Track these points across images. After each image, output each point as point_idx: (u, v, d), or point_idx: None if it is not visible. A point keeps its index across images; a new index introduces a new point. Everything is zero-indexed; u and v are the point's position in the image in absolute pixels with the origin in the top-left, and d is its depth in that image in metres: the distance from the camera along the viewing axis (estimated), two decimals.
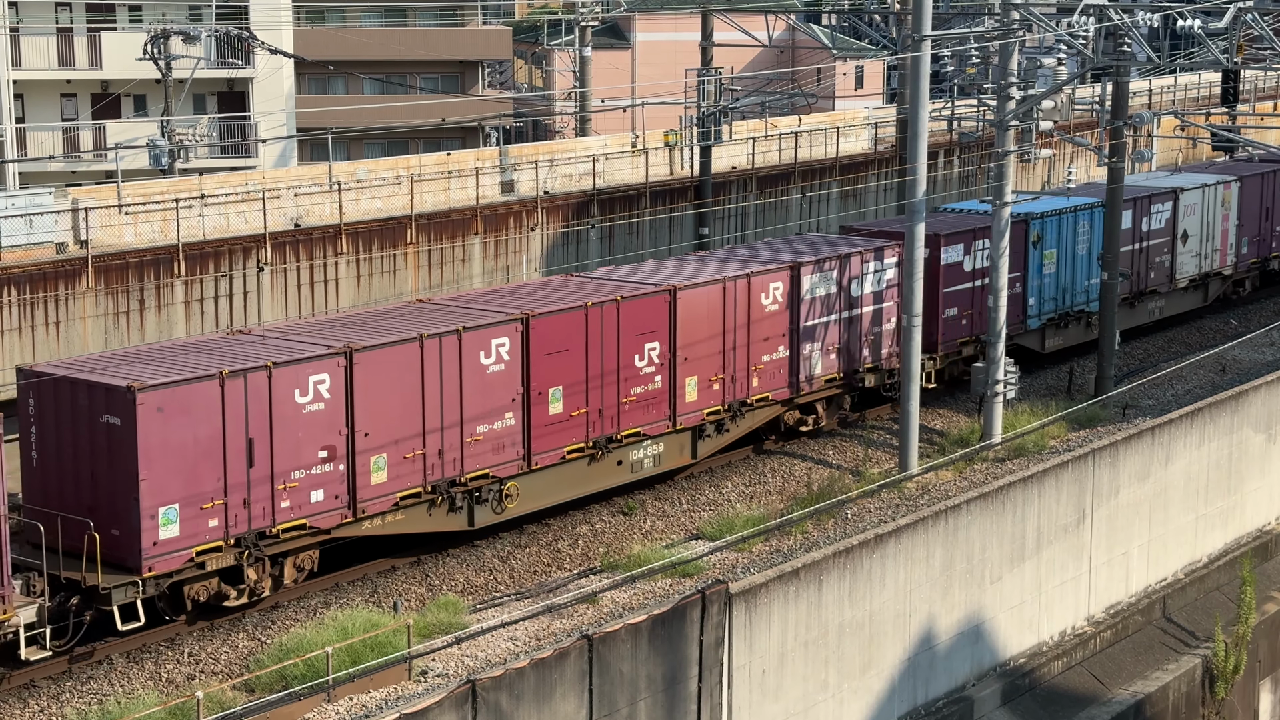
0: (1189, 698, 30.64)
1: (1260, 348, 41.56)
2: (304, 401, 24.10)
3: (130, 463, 22.41)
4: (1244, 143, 43.98)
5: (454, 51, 70.83)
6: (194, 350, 24.60)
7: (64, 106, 58.62)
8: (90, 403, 22.78)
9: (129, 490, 22.47)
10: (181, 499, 22.86)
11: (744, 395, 31.63)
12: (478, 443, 26.71)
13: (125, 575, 22.60)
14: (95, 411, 22.74)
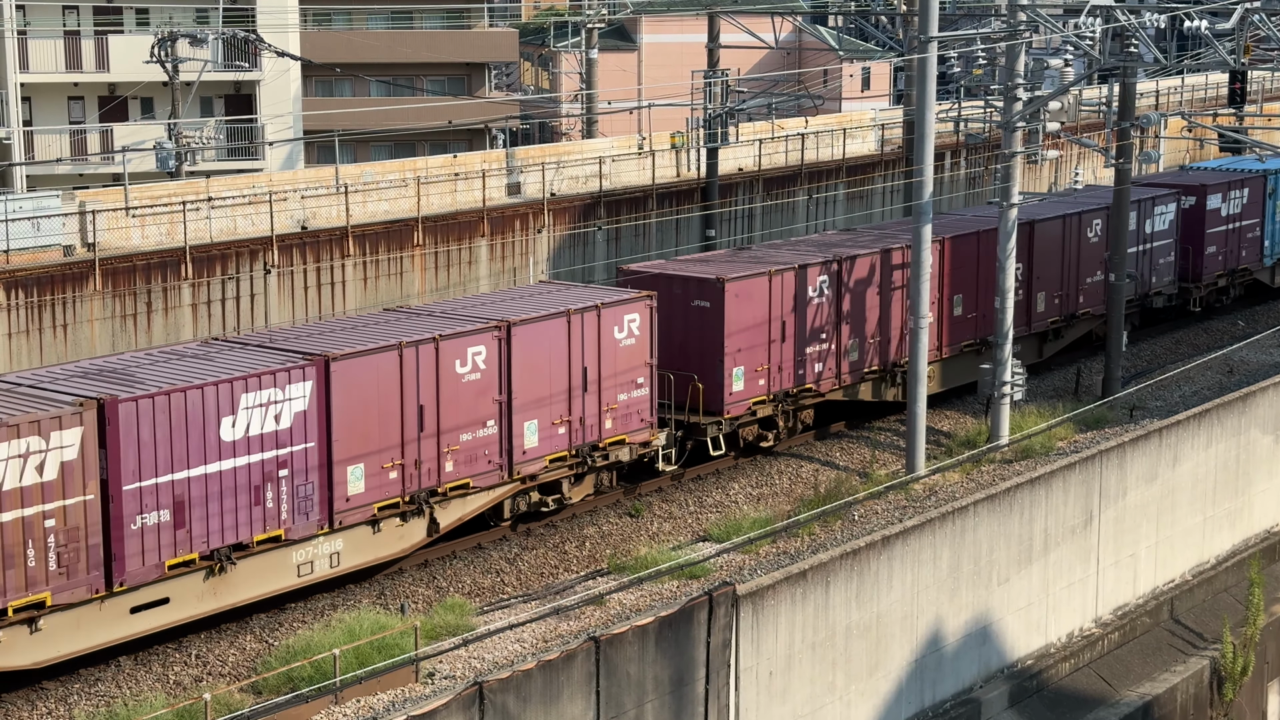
0: (1197, 699, 30.61)
1: (1268, 349, 41.51)
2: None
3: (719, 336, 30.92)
4: (1251, 143, 43.93)
5: (460, 54, 70.88)
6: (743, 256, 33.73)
7: (71, 109, 58.70)
8: (685, 292, 31.33)
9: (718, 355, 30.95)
10: (745, 366, 31.49)
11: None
12: None
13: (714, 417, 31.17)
14: (689, 298, 31.22)
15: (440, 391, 26.12)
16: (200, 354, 25.05)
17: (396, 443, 25.54)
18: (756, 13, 67.75)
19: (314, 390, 24.34)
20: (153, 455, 22.46)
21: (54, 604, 21.71)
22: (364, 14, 71.43)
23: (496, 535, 28.33)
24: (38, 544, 21.35)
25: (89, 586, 22.02)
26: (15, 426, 20.82)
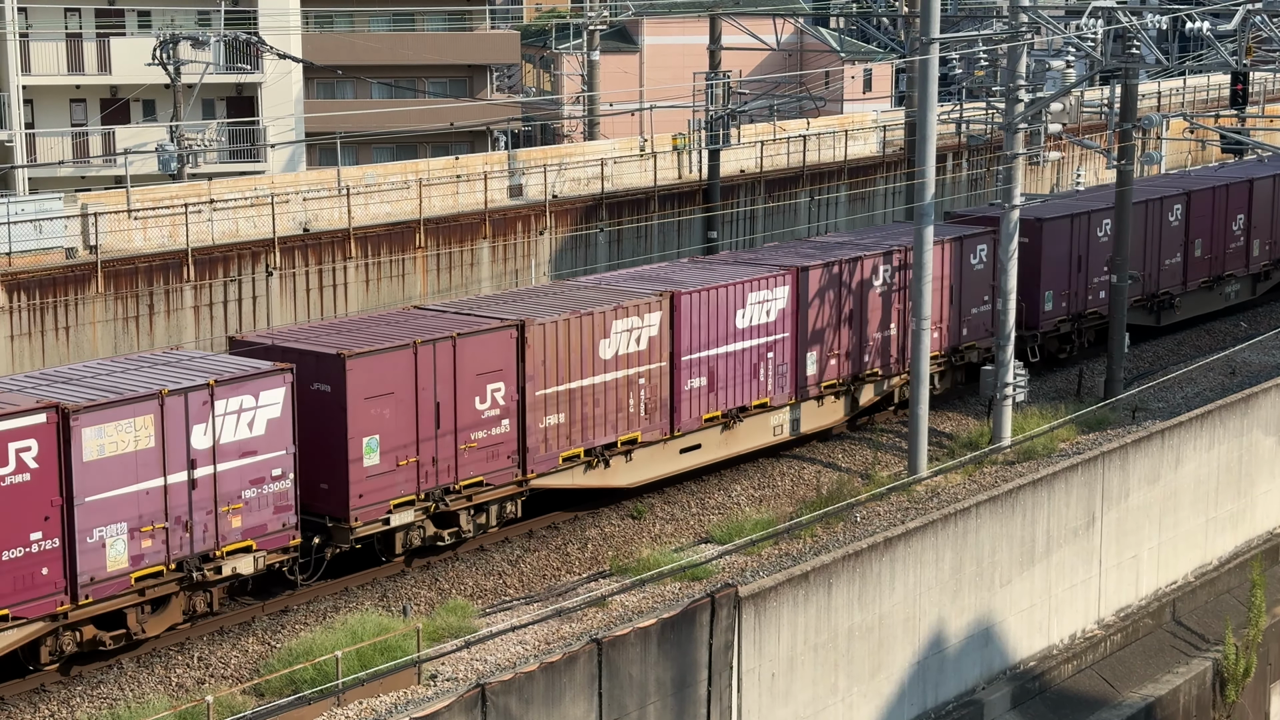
0: (1199, 701, 30.60)
1: (1271, 350, 41.50)
2: None
3: None
4: (1253, 145, 43.93)
5: (462, 56, 70.90)
6: None
7: (73, 112, 58.74)
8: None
9: None
10: None
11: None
12: None
13: None
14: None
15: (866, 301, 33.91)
16: (719, 262, 33.85)
17: (839, 337, 33.30)
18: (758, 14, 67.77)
19: (790, 294, 32.20)
20: (697, 336, 30.53)
21: (642, 440, 29.84)
22: (365, 16, 71.46)
23: (498, 537, 28.33)
24: (635, 397, 29.64)
25: (661, 430, 30.19)
26: (626, 307, 29.33)
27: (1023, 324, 37.23)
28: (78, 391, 22.74)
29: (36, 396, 22.26)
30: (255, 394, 23.75)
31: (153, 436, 22.67)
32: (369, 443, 25.38)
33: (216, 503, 23.48)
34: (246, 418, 23.73)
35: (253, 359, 24.96)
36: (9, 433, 21.19)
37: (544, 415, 27.95)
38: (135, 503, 22.59)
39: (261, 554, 24.09)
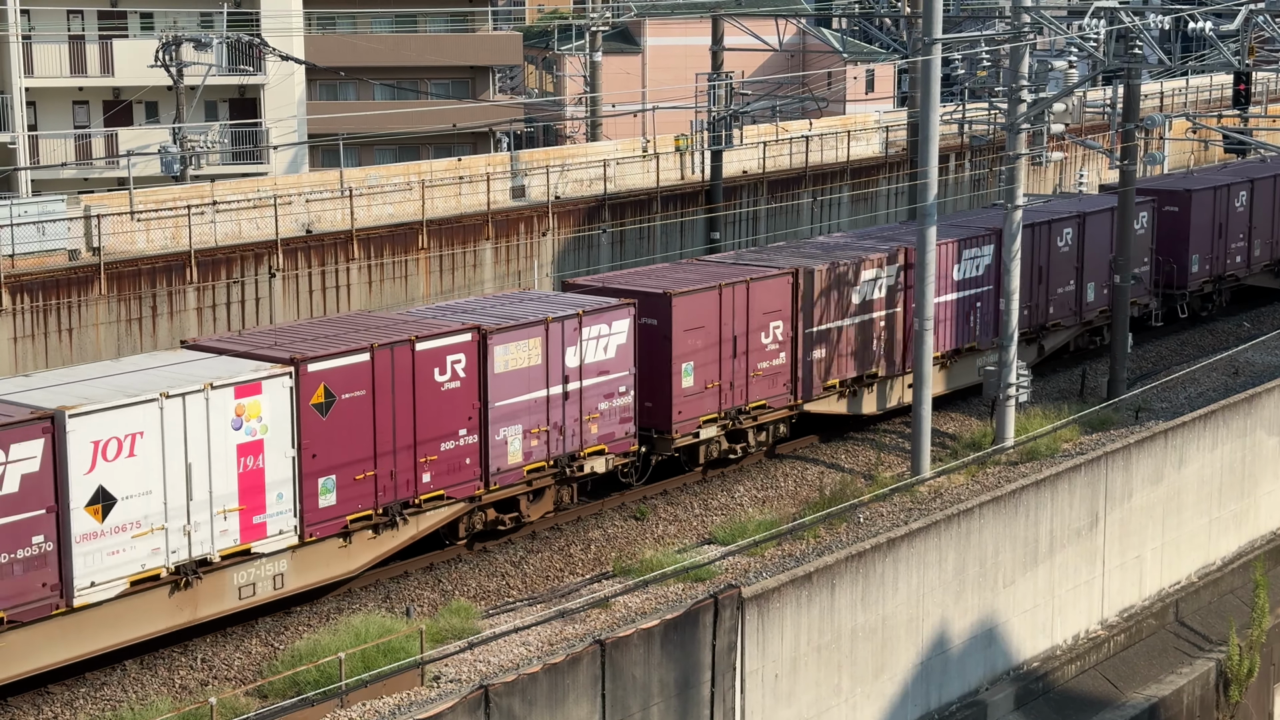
0: (1203, 701, 30.58)
1: (1274, 350, 41.49)
2: None
3: None
4: (1256, 145, 43.92)
5: (464, 57, 70.92)
6: None
7: (76, 113, 58.77)
8: None
9: None
10: None
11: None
12: None
13: None
14: None
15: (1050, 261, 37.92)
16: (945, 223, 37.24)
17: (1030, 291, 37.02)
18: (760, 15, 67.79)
19: (994, 252, 36.50)
20: None
21: (881, 376, 34.73)
22: (368, 17, 71.49)
23: (501, 539, 28.34)
24: (877, 338, 34.39)
25: (895, 367, 34.80)
26: (870, 259, 33.51)
27: (1173, 284, 43.30)
28: (486, 319, 27.63)
29: (460, 321, 27.20)
30: (609, 323, 28.94)
31: (540, 355, 27.78)
32: (685, 368, 30.52)
33: (582, 412, 28.48)
34: (603, 343, 28.83)
35: (600, 295, 30.05)
36: (447, 348, 26.22)
37: (812, 350, 32.94)
38: (527, 409, 27.63)
39: (611, 456, 29.20)
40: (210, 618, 23.72)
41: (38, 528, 21.50)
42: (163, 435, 22.58)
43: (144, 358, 25.66)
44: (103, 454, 22.07)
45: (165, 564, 22.86)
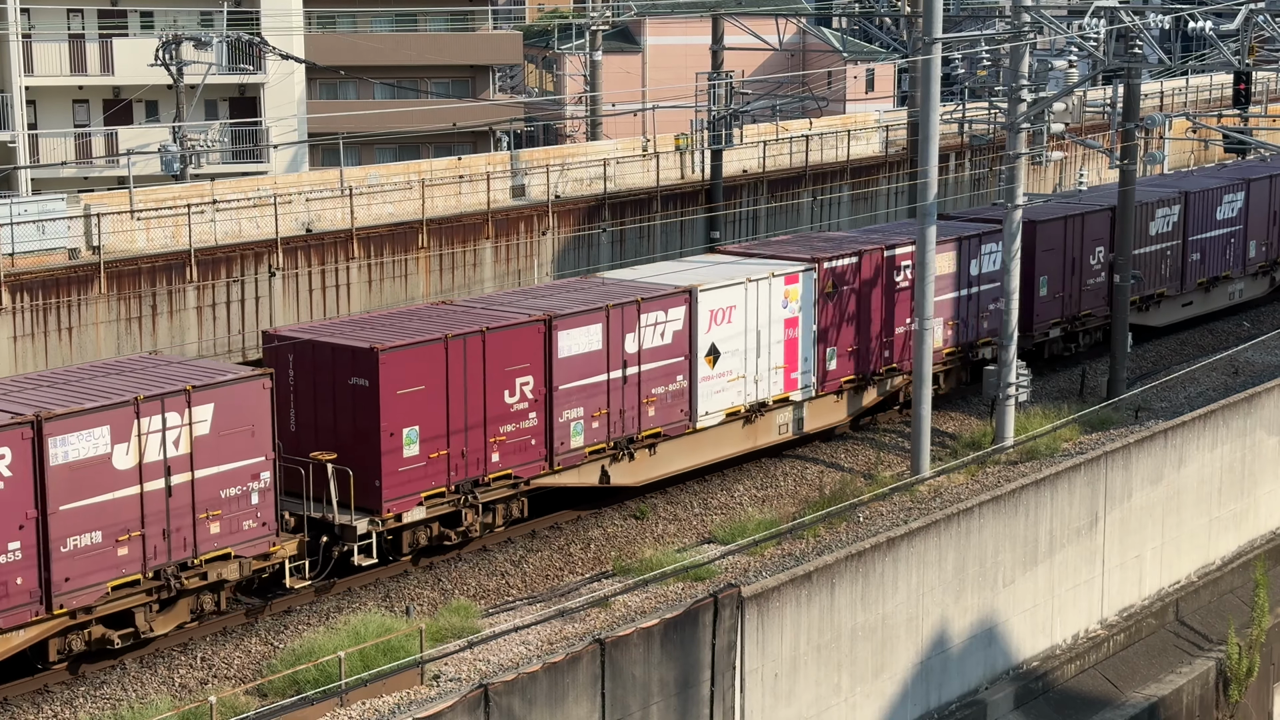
0: (1202, 701, 30.58)
1: (1274, 350, 41.48)
2: None
3: None
4: (1255, 144, 43.91)
5: (464, 56, 70.91)
6: None
7: (76, 112, 58.76)
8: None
9: None
10: None
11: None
12: None
13: None
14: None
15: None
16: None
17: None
18: (760, 14, 67.77)
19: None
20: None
21: None
22: (368, 16, 71.47)
23: (501, 538, 28.33)
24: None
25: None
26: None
27: None
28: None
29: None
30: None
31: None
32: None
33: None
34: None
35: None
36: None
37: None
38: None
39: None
40: (762, 446, 32.33)
41: (680, 370, 30.28)
42: (745, 309, 31.40)
43: (695, 259, 34.50)
44: (714, 320, 30.86)
45: (743, 403, 31.62)
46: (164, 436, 22.79)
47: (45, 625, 22.05)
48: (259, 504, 24.03)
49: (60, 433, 21.69)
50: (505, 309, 28.62)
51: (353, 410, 25.81)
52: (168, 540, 23.04)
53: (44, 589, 21.83)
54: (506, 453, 27.62)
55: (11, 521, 21.35)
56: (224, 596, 24.15)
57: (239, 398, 23.60)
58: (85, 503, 22.09)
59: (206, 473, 23.28)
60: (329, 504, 25.21)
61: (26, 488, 21.46)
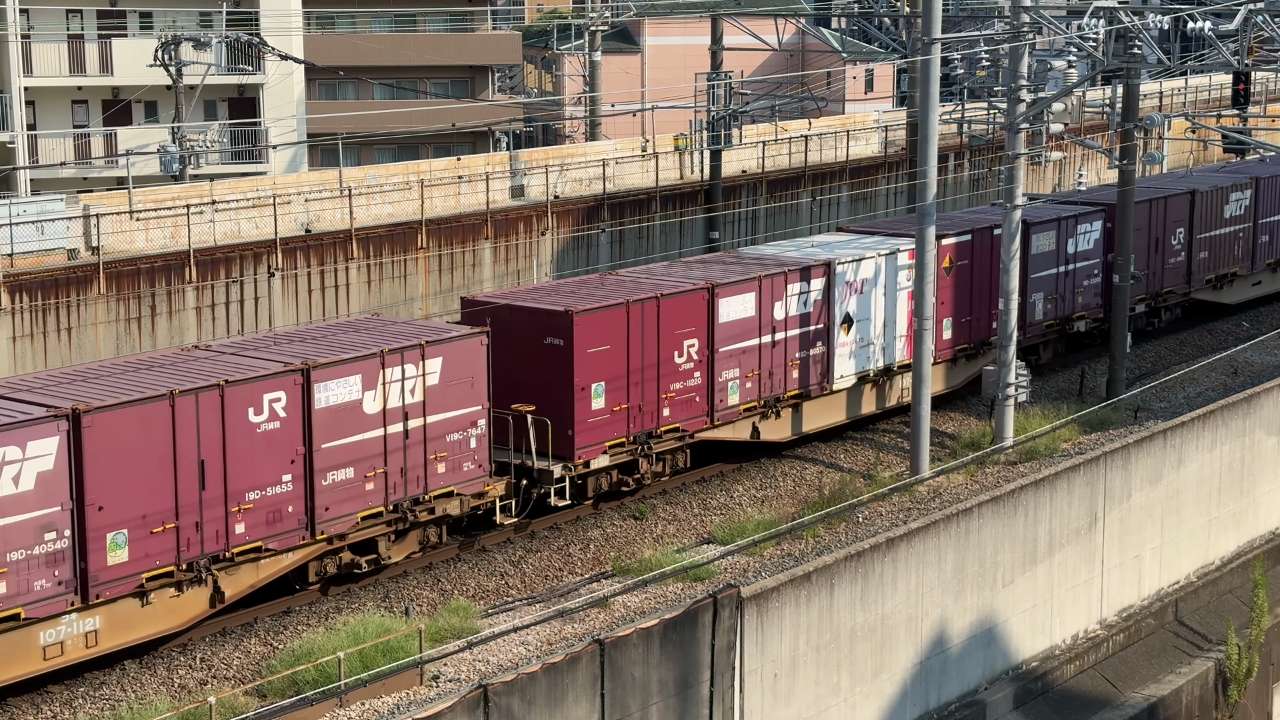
0: (1202, 701, 30.59)
1: (1273, 350, 41.49)
2: None
3: None
4: (1255, 144, 43.92)
5: (464, 57, 70.90)
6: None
7: (75, 113, 58.75)
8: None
9: None
10: None
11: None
12: None
13: None
14: None
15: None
16: None
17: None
18: (760, 15, 67.79)
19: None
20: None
21: None
22: (367, 17, 71.46)
23: (501, 538, 28.34)
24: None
25: None
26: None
27: None
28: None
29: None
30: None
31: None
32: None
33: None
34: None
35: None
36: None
37: None
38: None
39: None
40: (888, 408, 35.15)
41: (820, 336, 33.17)
42: (876, 281, 34.06)
43: (822, 237, 37.66)
44: (850, 290, 33.49)
45: (873, 367, 34.29)
46: (403, 385, 25.68)
47: (309, 549, 24.82)
48: (476, 448, 26.89)
49: (323, 380, 24.56)
50: (669, 279, 31.45)
51: (548, 367, 28.63)
52: (405, 477, 25.87)
53: (309, 517, 24.61)
54: (675, 408, 30.40)
55: (285, 457, 24.21)
56: (445, 530, 26.91)
57: (462, 352, 26.47)
58: (341, 442, 24.92)
59: (436, 418, 26.17)
60: (528, 451, 28.03)
61: (296, 427, 24.30)
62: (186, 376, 23.62)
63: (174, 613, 23.37)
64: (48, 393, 22.76)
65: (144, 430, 22.47)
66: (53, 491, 21.58)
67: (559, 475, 28.26)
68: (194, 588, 23.44)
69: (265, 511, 24.00)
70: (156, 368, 24.40)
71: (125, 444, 22.28)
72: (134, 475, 22.42)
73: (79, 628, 22.22)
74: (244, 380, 23.60)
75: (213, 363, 24.71)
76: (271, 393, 23.87)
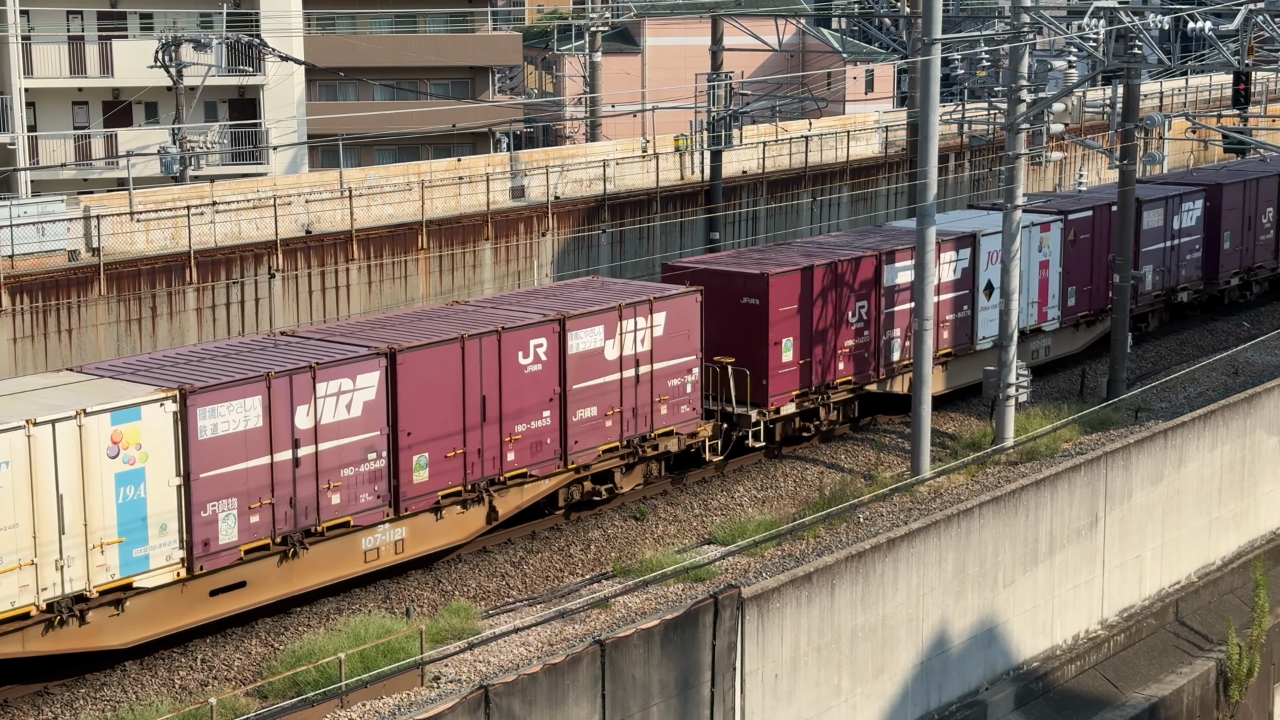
0: (1203, 701, 30.58)
1: (1273, 350, 41.48)
2: None
3: None
4: (1255, 144, 43.92)
5: (464, 57, 70.90)
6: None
7: (75, 114, 58.75)
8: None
9: None
10: None
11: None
12: None
13: None
14: None
15: None
16: None
17: None
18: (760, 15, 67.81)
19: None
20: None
21: None
22: (367, 18, 71.46)
23: (501, 538, 28.34)
24: None
25: None
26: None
27: None
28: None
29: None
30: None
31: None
32: None
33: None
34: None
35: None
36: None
37: None
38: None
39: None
40: None
41: (965, 301, 36.39)
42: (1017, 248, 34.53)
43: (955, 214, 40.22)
44: (990, 260, 36.82)
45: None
46: (635, 336, 29.21)
47: (561, 477, 28.58)
48: (691, 393, 30.41)
49: (575, 329, 28.28)
50: (844, 248, 34.71)
51: (745, 323, 32.02)
52: (636, 416, 29.49)
53: (563, 448, 28.34)
54: (849, 363, 33.90)
55: (546, 395, 27.96)
56: (664, 466, 30.48)
57: (681, 308, 30.07)
58: (587, 384, 28.66)
59: (660, 365, 29.73)
60: (728, 399, 31.55)
61: (554, 370, 28.06)
62: (467, 325, 27.49)
63: (459, 527, 27.15)
64: (366, 335, 26.68)
65: (441, 368, 26.28)
66: (374, 417, 25.36)
67: (755, 419, 31.77)
68: (475, 506, 27.24)
69: (530, 442, 27.88)
70: (438, 318, 28.31)
71: (427, 380, 26.09)
72: (432, 407, 26.17)
73: (390, 536, 25.98)
74: (516, 327, 27.50)
75: (479, 314, 28.67)
76: (536, 339, 27.78)
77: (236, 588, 24.01)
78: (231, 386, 23.48)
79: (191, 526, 23.13)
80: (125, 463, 22.47)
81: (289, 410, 24.09)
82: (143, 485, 22.62)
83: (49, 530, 21.75)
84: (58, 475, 21.74)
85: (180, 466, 22.99)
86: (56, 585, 21.87)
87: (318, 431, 24.49)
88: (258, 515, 23.92)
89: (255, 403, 23.71)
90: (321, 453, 24.57)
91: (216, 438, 23.33)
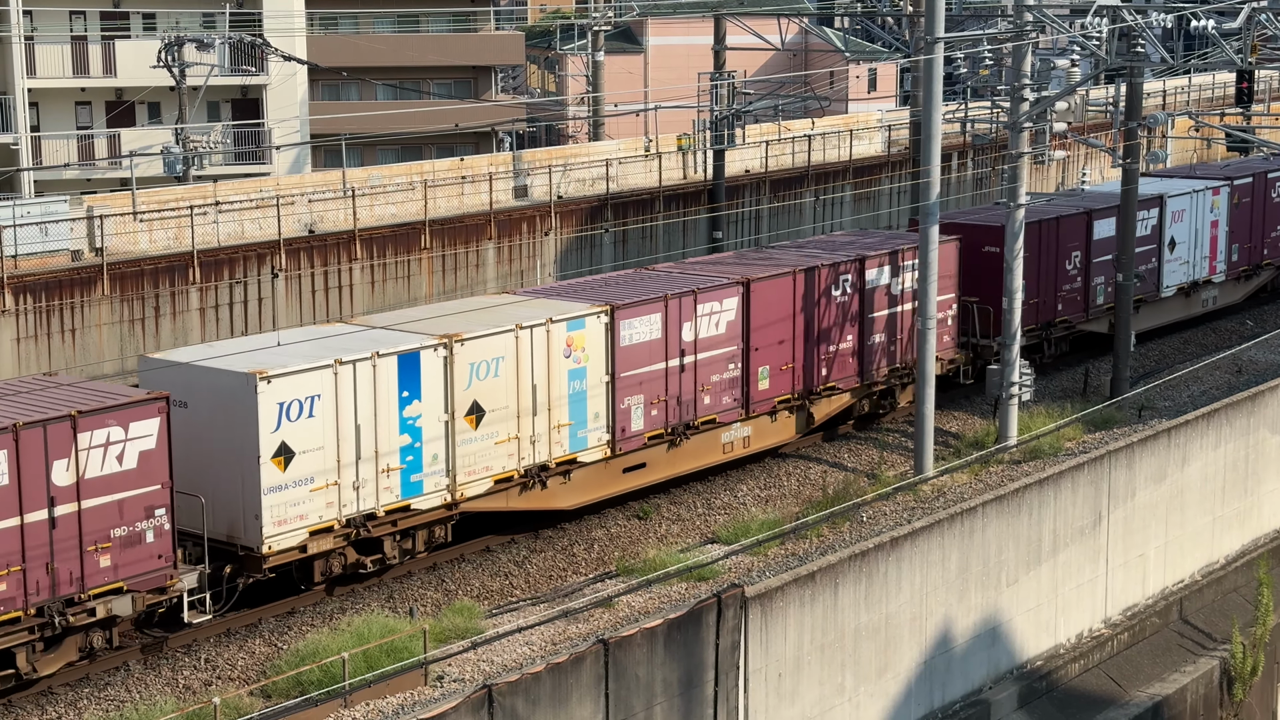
0: (1207, 700, 30.57)
1: (1277, 348, 41.46)
2: None
3: None
4: (1258, 143, 43.91)
5: (467, 57, 70.91)
6: None
7: (78, 114, 58.79)
8: None
9: None
10: None
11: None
12: None
13: None
14: None
15: None
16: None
17: None
18: (762, 14, 67.79)
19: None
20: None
21: None
22: (370, 18, 71.49)
23: (504, 538, 28.35)
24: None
25: None
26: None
27: None
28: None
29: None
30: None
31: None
32: None
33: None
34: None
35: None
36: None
37: None
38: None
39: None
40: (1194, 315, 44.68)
41: (1154, 255, 41.06)
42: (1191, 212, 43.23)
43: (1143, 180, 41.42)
44: (1174, 219, 42.19)
45: (1187, 281, 43.58)
46: (911, 274, 34.03)
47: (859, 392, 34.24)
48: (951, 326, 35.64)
49: (870, 267, 33.63)
50: (1055, 207, 39.44)
51: (986, 269, 35.76)
52: (911, 342, 34.40)
53: (860, 367, 33.72)
54: (1064, 304, 39.24)
55: (851, 322, 33.42)
56: None
57: (943, 254, 33.29)
58: (879, 314, 34.14)
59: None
60: (973, 332, 36.44)
61: (855, 301, 33.28)
62: (778, 265, 32.39)
63: (786, 429, 32.66)
64: (721, 269, 32.33)
65: (779, 296, 31.66)
66: (733, 335, 31.01)
67: (996, 349, 34.76)
68: (797, 413, 32.68)
69: (840, 361, 33.20)
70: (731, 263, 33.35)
71: (769, 305, 31.51)
72: (771, 329, 31.60)
73: (740, 433, 31.63)
74: (832, 264, 32.73)
75: (783, 252, 34.34)
76: (845, 274, 33.00)
77: (639, 468, 29.86)
78: (643, 304, 29.38)
79: (615, 415, 28.95)
80: (575, 362, 28.36)
81: (679, 325, 30.03)
82: (584, 380, 28.51)
83: (527, 412, 27.62)
84: (533, 367, 27.66)
85: (609, 366, 28.91)
86: (529, 457, 27.78)
87: (697, 344, 30.36)
88: (656, 409, 29.76)
89: (657, 319, 29.62)
90: (700, 361, 30.49)
91: (631, 345, 29.27)
